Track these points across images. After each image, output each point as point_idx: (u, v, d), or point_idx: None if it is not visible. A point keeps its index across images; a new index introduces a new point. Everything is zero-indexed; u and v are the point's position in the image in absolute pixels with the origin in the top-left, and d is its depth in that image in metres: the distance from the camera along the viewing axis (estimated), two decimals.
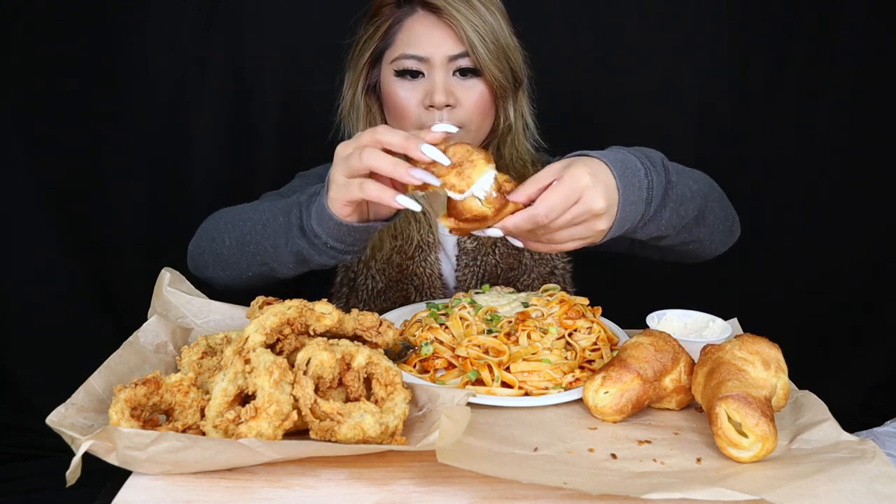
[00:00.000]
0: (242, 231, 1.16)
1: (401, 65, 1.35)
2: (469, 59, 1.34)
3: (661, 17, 2.33)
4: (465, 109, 1.36)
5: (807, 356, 1.90)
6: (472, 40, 1.32)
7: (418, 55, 1.34)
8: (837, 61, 2.39)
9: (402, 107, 1.35)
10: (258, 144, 2.32)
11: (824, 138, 2.45)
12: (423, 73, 1.35)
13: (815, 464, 0.81)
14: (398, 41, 1.37)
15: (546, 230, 0.96)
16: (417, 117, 1.35)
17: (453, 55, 1.33)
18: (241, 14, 2.22)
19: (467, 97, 1.36)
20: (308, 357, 0.84)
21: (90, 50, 2.17)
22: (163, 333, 1.03)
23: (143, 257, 2.24)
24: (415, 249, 1.46)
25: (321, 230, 1.02)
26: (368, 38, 1.41)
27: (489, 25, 1.34)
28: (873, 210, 2.50)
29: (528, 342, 1.06)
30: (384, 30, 1.38)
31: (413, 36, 1.35)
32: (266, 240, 1.11)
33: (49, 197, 2.24)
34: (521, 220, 0.93)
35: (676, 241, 1.18)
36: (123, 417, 0.79)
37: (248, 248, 1.15)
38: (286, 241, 1.08)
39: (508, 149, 1.47)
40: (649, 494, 0.73)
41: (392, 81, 1.36)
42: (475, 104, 1.37)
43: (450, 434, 0.77)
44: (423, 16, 1.36)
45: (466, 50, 1.33)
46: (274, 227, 1.10)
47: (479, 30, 1.33)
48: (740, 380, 0.88)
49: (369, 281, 1.45)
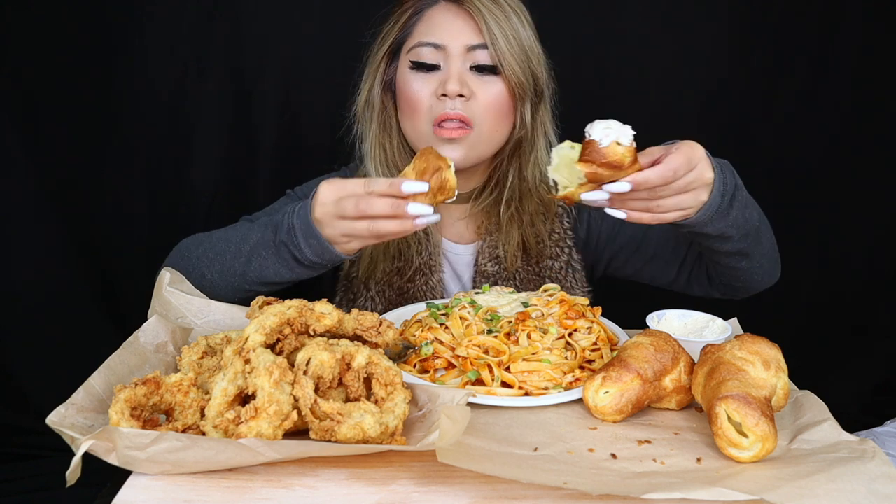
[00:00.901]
0: (223, 264, 1.21)
1: (417, 54, 1.31)
2: (488, 52, 1.30)
3: (661, 17, 2.33)
4: (479, 104, 1.31)
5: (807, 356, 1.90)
6: (493, 32, 1.28)
7: (435, 42, 1.30)
8: (837, 61, 2.39)
9: (414, 99, 1.32)
10: (258, 144, 2.32)
11: (825, 138, 2.45)
12: (440, 65, 1.31)
13: (815, 464, 0.81)
14: (417, 31, 1.34)
15: (664, 191, 1.03)
16: (429, 109, 1.31)
17: (472, 45, 1.30)
18: (241, 14, 2.22)
19: (483, 92, 1.31)
20: (308, 357, 0.84)
21: (90, 50, 2.17)
22: (163, 333, 1.03)
23: (143, 257, 2.24)
24: (415, 272, 1.42)
25: (321, 261, 1.13)
26: (389, 31, 1.38)
27: (513, 24, 1.31)
28: (874, 210, 2.50)
29: (528, 342, 1.06)
30: (404, 20, 1.36)
31: (432, 25, 1.32)
32: (252, 272, 1.18)
33: (49, 197, 2.24)
34: (653, 174, 1.00)
35: (737, 246, 1.22)
36: (123, 417, 0.79)
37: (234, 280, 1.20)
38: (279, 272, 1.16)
39: (531, 169, 1.42)
40: (649, 494, 0.73)
41: (406, 73, 1.33)
42: (491, 101, 1.32)
43: (450, 434, 0.77)
44: (445, 6, 1.33)
45: (486, 42, 1.29)
46: (261, 261, 1.17)
47: (501, 24, 1.30)
48: (740, 380, 0.88)
49: (368, 303, 1.43)
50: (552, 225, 1.47)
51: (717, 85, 2.38)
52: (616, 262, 1.53)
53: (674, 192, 1.04)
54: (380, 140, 1.40)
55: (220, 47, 2.23)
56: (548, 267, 1.45)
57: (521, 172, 1.42)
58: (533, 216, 1.44)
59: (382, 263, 1.41)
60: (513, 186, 1.42)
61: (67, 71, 2.17)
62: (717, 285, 1.43)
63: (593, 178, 0.99)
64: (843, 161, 2.45)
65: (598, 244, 1.52)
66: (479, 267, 1.44)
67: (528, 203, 1.43)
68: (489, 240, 1.45)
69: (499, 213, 1.43)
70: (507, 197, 1.42)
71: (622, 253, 1.51)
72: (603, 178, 0.99)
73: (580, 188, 1.01)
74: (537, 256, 1.45)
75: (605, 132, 0.97)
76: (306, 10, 2.23)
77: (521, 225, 1.43)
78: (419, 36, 1.33)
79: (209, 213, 2.28)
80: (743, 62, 2.38)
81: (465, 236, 1.50)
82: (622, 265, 1.53)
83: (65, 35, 2.15)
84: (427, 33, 1.32)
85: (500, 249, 1.44)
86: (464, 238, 1.50)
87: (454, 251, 1.49)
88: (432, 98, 1.31)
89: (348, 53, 1.44)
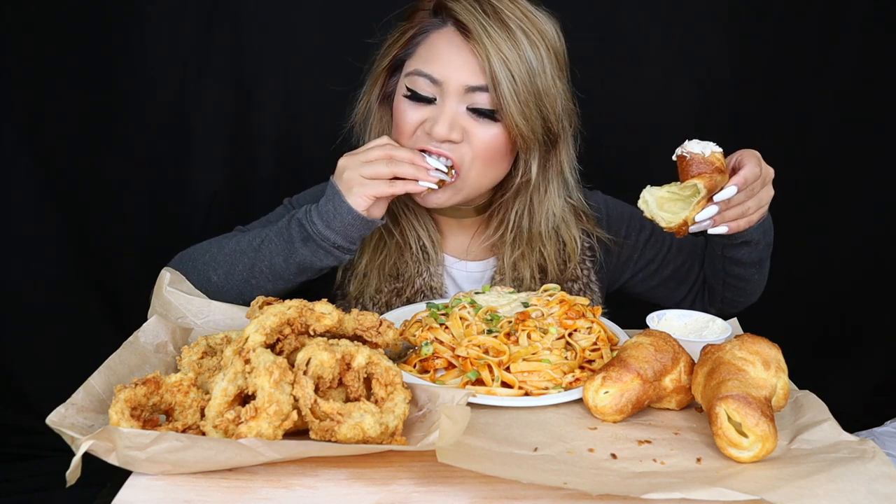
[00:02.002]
0: (231, 264, 1.23)
1: (413, 82, 1.22)
2: (488, 96, 1.18)
3: (661, 17, 2.33)
4: (470, 148, 1.21)
5: (807, 356, 1.90)
6: (497, 75, 1.15)
7: (432, 76, 1.20)
8: (837, 61, 2.39)
9: (401, 124, 1.24)
10: (258, 145, 2.31)
11: (824, 138, 2.44)
12: (435, 99, 1.21)
13: (815, 464, 0.81)
14: (418, 54, 1.24)
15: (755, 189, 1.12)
16: (414, 139, 1.24)
17: (471, 86, 1.19)
18: (241, 14, 2.22)
19: (477, 135, 1.21)
20: (308, 357, 0.84)
21: (91, 50, 2.17)
22: (163, 333, 1.03)
23: (143, 258, 2.24)
24: (415, 293, 1.35)
25: (330, 232, 1.17)
26: (392, 44, 1.29)
27: (526, 63, 1.17)
28: (874, 209, 2.50)
29: (528, 342, 1.06)
30: (408, 37, 1.26)
31: (434, 53, 1.22)
32: (262, 261, 1.21)
33: (49, 197, 2.23)
34: (748, 172, 1.10)
35: (755, 256, 1.29)
36: (123, 417, 0.79)
37: (238, 278, 1.23)
38: (286, 258, 1.20)
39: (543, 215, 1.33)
40: (649, 494, 0.73)
41: (402, 97, 1.25)
42: (483, 147, 1.21)
43: (450, 434, 0.77)
44: (451, 33, 1.21)
45: (487, 84, 1.17)
46: (269, 249, 1.20)
47: (509, 65, 1.16)
48: (740, 380, 0.88)
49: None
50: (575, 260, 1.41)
51: (717, 85, 2.38)
52: (634, 281, 1.52)
53: (759, 188, 1.13)
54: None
55: (219, 48, 2.23)
56: (567, 288, 1.39)
57: (531, 217, 1.34)
58: (550, 255, 1.37)
59: (376, 281, 1.36)
60: (516, 230, 1.35)
61: (68, 71, 2.17)
62: (717, 303, 1.45)
63: (712, 185, 1.07)
64: (843, 161, 2.45)
65: (616, 265, 1.48)
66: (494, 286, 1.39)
67: (537, 244, 1.36)
68: (506, 261, 1.38)
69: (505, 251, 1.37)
70: (510, 240, 1.36)
71: (642, 272, 1.50)
72: (718, 185, 1.08)
73: (694, 210, 1.08)
74: (557, 280, 1.38)
75: (702, 145, 1.07)
76: (306, 11, 2.23)
77: (530, 262, 1.37)
78: (419, 62, 1.23)
79: (209, 213, 2.28)
80: (743, 62, 2.38)
81: (472, 253, 1.43)
82: (639, 283, 1.52)
83: (65, 35, 2.15)
84: (427, 61, 1.22)
85: (517, 272, 1.37)
86: (471, 255, 1.43)
87: (461, 268, 1.42)
88: (420, 129, 1.23)
89: (348, 54, 1.43)
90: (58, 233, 2.26)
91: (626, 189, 1.56)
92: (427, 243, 1.37)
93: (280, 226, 1.22)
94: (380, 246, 1.37)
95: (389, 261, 1.36)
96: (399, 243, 1.37)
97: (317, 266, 1.21)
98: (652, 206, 1.10)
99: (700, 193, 1.06)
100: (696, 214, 1.08)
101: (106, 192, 2.27)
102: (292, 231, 1.19)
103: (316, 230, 1.17)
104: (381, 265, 1.36)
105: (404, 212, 1.36)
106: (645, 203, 1.10)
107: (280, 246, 1.20)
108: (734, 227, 1.12)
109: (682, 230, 1.09)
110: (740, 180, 1.09)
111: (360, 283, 1.37)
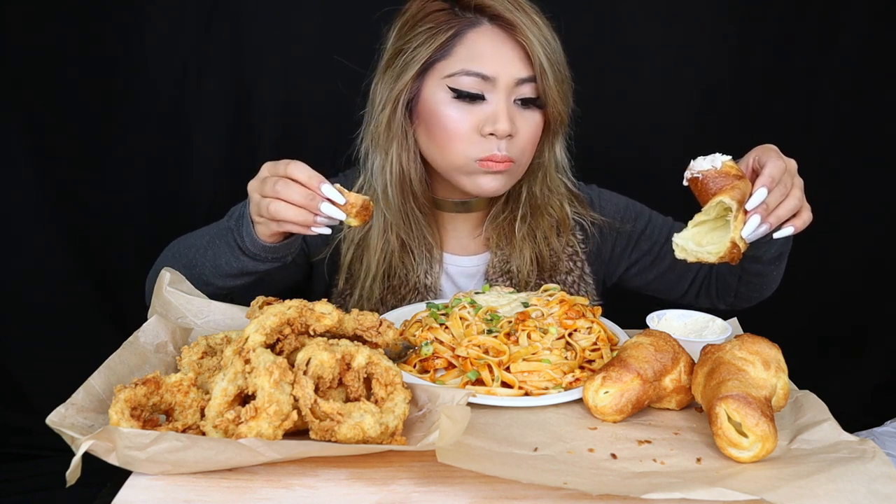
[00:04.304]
0: (189, 257, 1.22)
1: (460, 83, 1.21)
2: (534, 85, 1.23)
3: (661, 16, 2.33)
4: (521, 140, 1.25)
5: (807, 356, 1.90)
6: (543, 64, 1.20)
7: (483, 73, 1.21)
8: (837, 61, 2.39)
9: (452, 130, 1.22)
10: (258, 144, 2.31)
11: (824, 137, 2.44)
12: (485, 96, 1.22)
13: (815, 464, 0.81)
14: (457, 55, 1.23)
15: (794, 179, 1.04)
16: (468, 143, 1.23)
17: (521, 78, 1.22)
18: (241, 14, 2.22)
19: (525, 128, 1.25)
20: (308, 357, 0.84)
21: (90, 50, 2.17)
22: (163, 333, 1.03)
23: (143, 258, 2.24)
24: (409, 291, 1.37)
25: (258, 250, 1.14)
26: (419, 47, 1.24)
27: (556, 52, 1.23)
28: (874, 209, 2.50)
29: (528, 342, 1.06)
30: (442, 40, 1.23)
31: (477, 51, 1.22)
32: (209, 261, 1.19)
33: (49, 197, 2.23)
34: (774, 168, 1.01)
35: (775, 252, 1.24)
36: (123, 417, 0.79)
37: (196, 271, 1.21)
38: (228, 261, 1.17)
39: (540, 186, 1.39)
40: (649, 494, 0.73)
41: (445, 101, 1.23)
42: (531, 136, 1.27)
43: (450, 434, 0.77)
44: (490, 30, 1.23)
45: (535, 74, 1.22)
46: (215, 250, 1.18)
47: (549, 54, 1.21)
48: (740, 380, 0.88)
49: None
50: (567, 237, 1.44)
51: (717, 85, 2.38)
52: (630, 274, 1.52)
53: (790, 180, 1.03)
54: (400, 160, 1.32)
55: (219, 48, 2.23)
56: (561, 280, 1.42)
57: (530, 189, 1.39)
58: (547, 231, 1.41)
59: (371, 278, 1.36)
60: (525, 203, 1.39)
61: (68, 71, 2.17)
62: (729, 298, 1.43)
63: (741, 196, 0.98)
64: (843, 161, 2.45)
65: (611, 257, 1.49)
66: (491, 282, 1.41)
67: (540, 219, 1.40)
68: (500, 254, 1.41)
69: (513, 230, 1.39)
70: (521, 213, 1.39)
71: (638, 265, 1.50)
72: (745, 193, 1.00)
73: (736, 229, 0.98)
74: (551, 270, 1.42)
75: (710, 159, 1.01)
76: (306, 11, 2.23)
77: (534, 241, 1.40)
78: (462, 62, 1.22)
79: (209, 213, 2.27)
80: (743, 62, 2.38)
81: (469, 248, 1.46)
82: (635, 277, 1.52)
83: (65, 35, 2.15)
84: (472, 60, 1.22)
85: (511, 265, 1.40)
86: (468, 249, 1.45)
87: (456, 263, 1.44)
88: (473, 133, 1.23)
89: (348, 54, 1.43)
90: (58, 233, 2.26)
91: (627, 189, 1.57)
92: (426, 241, 1.38)
93: (222, 227, 1.19)
94: (378, 242, 1.37)
95: (385, 261, 1.36)
96: (396, 240, 1.36)
97: (261, 269, 1.18)
98: (691, 247, 1.01)
99: (732, 209, 0.97)
100: (741, 231, 0.98)
101: (106, 192, 2.27)
102: (228, 239, 1.17)
103: (245, 245, 1.15)
104: (377, 264, 1.36)
105: (403, 210, 1.36)
106: (683, 250, 1.02)
107: (222, 248, 1.18)
108: (799, 225, 1.04)
109: (734, 255, 0.99)
110: (767, 180, 1.00)
111: (354, 279, 1.38)
